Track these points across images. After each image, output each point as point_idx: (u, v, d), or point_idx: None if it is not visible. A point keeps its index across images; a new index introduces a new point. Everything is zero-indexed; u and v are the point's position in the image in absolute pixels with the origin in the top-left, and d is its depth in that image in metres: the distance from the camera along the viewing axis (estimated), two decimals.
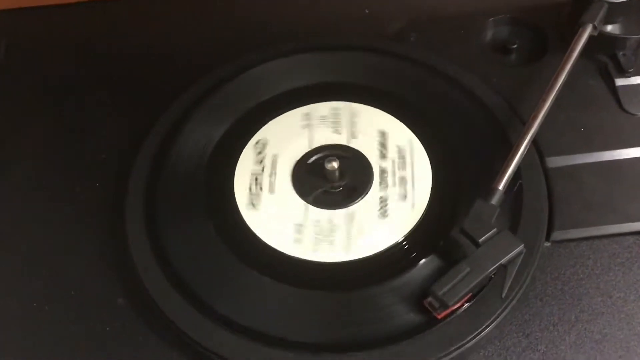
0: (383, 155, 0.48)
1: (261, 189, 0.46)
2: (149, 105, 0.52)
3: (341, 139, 0.49)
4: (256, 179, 0.47)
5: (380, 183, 0.46)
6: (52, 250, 0.45)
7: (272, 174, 0.47)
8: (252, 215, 0.45)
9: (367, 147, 0.48)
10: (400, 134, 0.49)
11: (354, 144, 0.48)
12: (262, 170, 0.47)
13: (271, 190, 0.46)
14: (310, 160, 0.48)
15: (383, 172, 0.47)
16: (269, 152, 0.48)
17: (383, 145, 0.48)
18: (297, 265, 0.43)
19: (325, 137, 0.49)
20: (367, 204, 0.45)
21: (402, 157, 0.48)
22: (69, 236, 0.46)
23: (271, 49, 0.54)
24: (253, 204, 0.46)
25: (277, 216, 0.45)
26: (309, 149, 0.48)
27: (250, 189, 0.46)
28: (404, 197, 0.45)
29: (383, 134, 0.49)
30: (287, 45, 0.55)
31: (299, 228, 0.44)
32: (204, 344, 0.39)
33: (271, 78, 0.53)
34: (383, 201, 0.45)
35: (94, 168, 0.49)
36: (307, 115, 0.51)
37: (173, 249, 0.44)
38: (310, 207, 0.45)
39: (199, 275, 0.42)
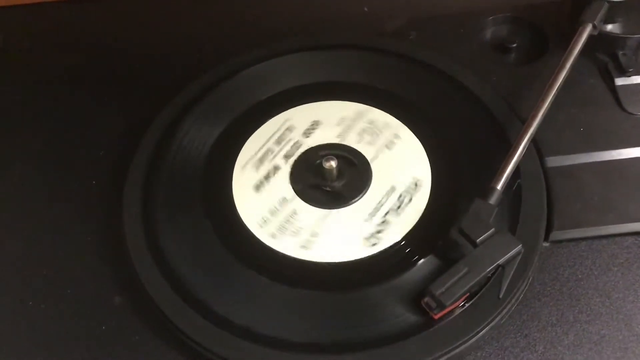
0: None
1: (260, 191, 0.46)
2: (147, 102, 0.52)
3: (338, 138, 0.49)
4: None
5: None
6: (48, 248, 0.45)
7: (272, 176, 0.47)
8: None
9: (364, 146, 0.48)
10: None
11: (348, 142, 0.48)
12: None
13: (272, 192, 0.46)
14: (309, 159, 0.47)
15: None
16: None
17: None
18: (295, 266, 0.43)
19: (323, 136, 0.49)
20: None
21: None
22: (66, 234, 0.46)
23: (269, 47, 0.54)
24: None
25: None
26: (308, 148, 0.48)
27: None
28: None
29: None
30: (286, 43, 0.55)
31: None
32: (201, 343, 0.39)
33: (270, 77, 0.53)
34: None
35: (91, 165, 0.49)
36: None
37: (170, 247, 0.44)
38: (315, 207, 0.45)
39: (196, 274, 0.42)
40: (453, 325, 0.39)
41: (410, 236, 0.43)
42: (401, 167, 0.47)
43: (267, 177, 0.46)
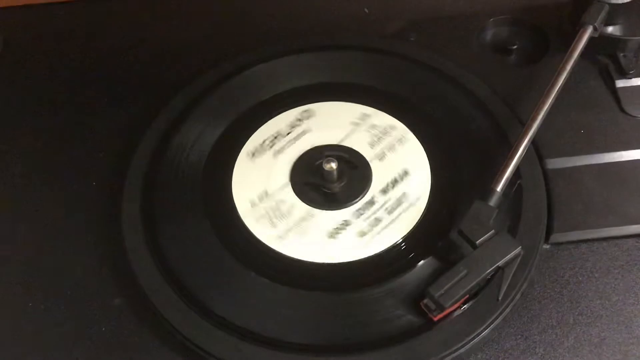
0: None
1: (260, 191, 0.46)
2: (147, 103, 0.52)
3: (338, 139, 0.49)
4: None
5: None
6: (48, 250, 0.45)
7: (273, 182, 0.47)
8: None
9: (357, 142, 0.48)
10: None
11: (348, 143, 0.48)
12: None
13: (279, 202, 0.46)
14: (309, 161, 0.47)
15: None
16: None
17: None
18: (296, 267, 0.43)
19: (323, 137, 0.49)
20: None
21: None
22: (65, 235, 0.46)
23: (269, 49, 0.54)
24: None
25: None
26: (308, 148, 0.48)
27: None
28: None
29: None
30: (287, 45, 0.55)
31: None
32: (200, 344, 0.39)
33: (270, 78, 0.53)
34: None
35: (92, 166, 0.49)
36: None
37: (170, 249, 0.44)
38: (314, 209, 0.45)
39: (196, 276, 0.42)
40: (452, 327, 0.39)
41: (410, 237, 0.43)
42: (401, 168, 0.47)
43: (277, 206, 0.46)
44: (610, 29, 0.52)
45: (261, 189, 0.46)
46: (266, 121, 0.50)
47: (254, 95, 0.52)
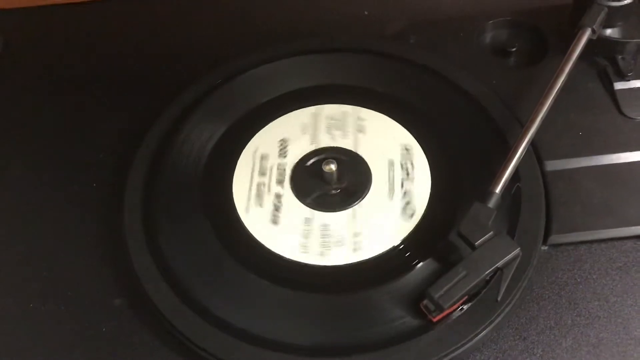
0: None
1: (261, 194, 0.46)
2: (148, 104, 0.52)
3: (339, 142, 0.49)
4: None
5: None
6: (49, 250, 0.46)
7: (271, 178, 0.47)
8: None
9: (366, 149, 0.48)
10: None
11: (348, 146, 0.49)
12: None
13: (271, 196, 0.46)
14: (309, 163, 0.48)
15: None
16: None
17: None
18: (294, 269, 0.43)
19: (324, 139, 0.49)
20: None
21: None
22: (66, 236, 0.46)
23: (269, 50, 0.54)
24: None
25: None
26: (307, 152, 0.48)
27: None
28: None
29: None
30: (287, 46, 0.55)
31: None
32: (201, 345, 0.39)
33: (269, 80, 0.53)
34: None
35: (92, 168, 0.50)
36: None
37: (170, 249, 0.44)
38: (313, 210, 0.45)
39: (196, 277, 0.42)
40: (451, 328, 0.39)
41: (409, 239, 0.44)
42: (388, 140, 0.47)
43: (276, 208, 0.46)
44: (608, 31, 0.52)
45: (262, 189, 0.47)
46: (268, 123, 0.50)
47: (255, 96, 0.52)
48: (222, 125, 0.50)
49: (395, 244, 0.43)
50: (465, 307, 0.40)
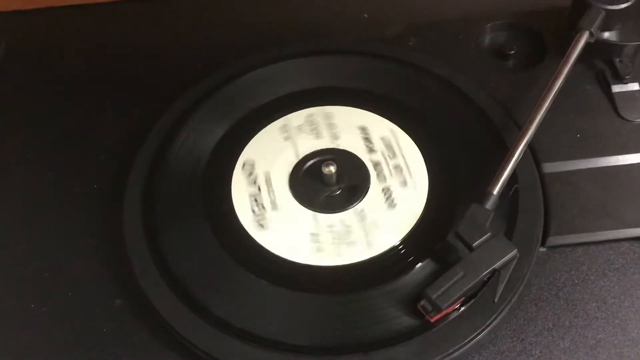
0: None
1: (263, 207, 0.46)
2: (148, 107, 0.52)
3: (336, 143, 0.49)
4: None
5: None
6: (49, 251, 0.46)
7: (269, 190, 0.47)
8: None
9: (363, 150, 0.49)
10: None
11: (346, 147, 0.49)
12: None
13: (274, 206, 0.46)
14: (305, 168, 0.48)
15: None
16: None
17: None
18: (293, 269, 0.43)
19: (320, 142, 0.49)
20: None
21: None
22: (67, 237, 0.46)
23: (269, 52, 0.54)
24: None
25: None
26: (310, 151, 0.49)
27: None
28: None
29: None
30: (288, 48, 0.55)
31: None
32: (201, 346, 0.40)
33: (272, 81, 0.53)
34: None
35: (93, 169, 0.50)
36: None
37: (170, 250, 0.44)
38: (319, 214, 0.45)
39: (196, 277, 0.43)
40: (450, 329, 0.39)
41: (407, 240, 0.44)
42: (399, 173, 0.47)
43: (274, 209, 0.46)
44: (606, 34, 0.52)
45: (262, 189, 0.47)
46: (267, 125, 0.50)
47: (254, 98, 0.52)
48: (222, 126, 0.51)
49: (394, 245, 0.44)
50: (463, 307, 0.40)
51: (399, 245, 0.44)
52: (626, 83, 0.51)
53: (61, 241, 0.46)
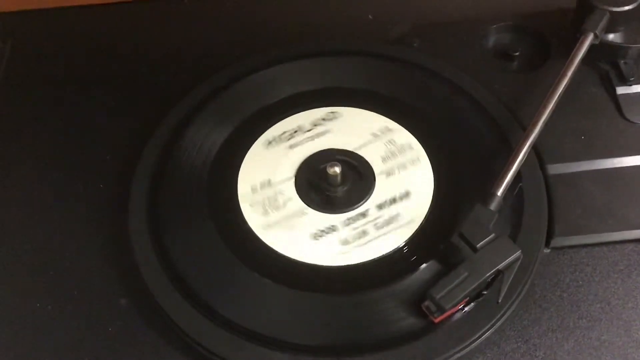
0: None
1: (269, 206, 0.46)
2: (153, 106, 0.53)
3: (343, 144, 0.49)
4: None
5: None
6: (55, 250, 0.46)
7: (275, 190, 0.47)
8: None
9: (369, 151, 0.49)
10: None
11: (353, 148, 0.49)
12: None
13: (279, 206, 0.46)
14: (310, 169, 0.48)
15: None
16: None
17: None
18: (298, 269, 0.43)
19: (326, 143, 0.49)
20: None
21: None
22: (73, 237, 0.46)
23: (272, 54, 0.54)
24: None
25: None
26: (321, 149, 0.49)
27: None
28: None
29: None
30: (289, 49, 0.55)
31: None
32: (206, 345, 0.40)
33: (273, 83, 0.53)
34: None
35: (98, 169, 0.50)
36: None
37: (176, 250, 0.44)
38: (324, 214, 0.45)
39: (202, 277, 0.43)
40: (453, 330, 0.39)
41: (412, 241, 0.44)
42: (404, 185, 0.47)
43: (279, 208, 0.46)
44: (611, 36, 0.52)
45: (268, 188, 0.47)
46: (270, 126, 0.50)
47: (258, 99, 0.52)
48: (228, 126, 0.51)
49: (399, 245, 0.44)
50: (467, 308, 0.40)
51: (404, 246, 0.44)
52: (630, 85, 0.51)
53: (66, 240, 0.46)
